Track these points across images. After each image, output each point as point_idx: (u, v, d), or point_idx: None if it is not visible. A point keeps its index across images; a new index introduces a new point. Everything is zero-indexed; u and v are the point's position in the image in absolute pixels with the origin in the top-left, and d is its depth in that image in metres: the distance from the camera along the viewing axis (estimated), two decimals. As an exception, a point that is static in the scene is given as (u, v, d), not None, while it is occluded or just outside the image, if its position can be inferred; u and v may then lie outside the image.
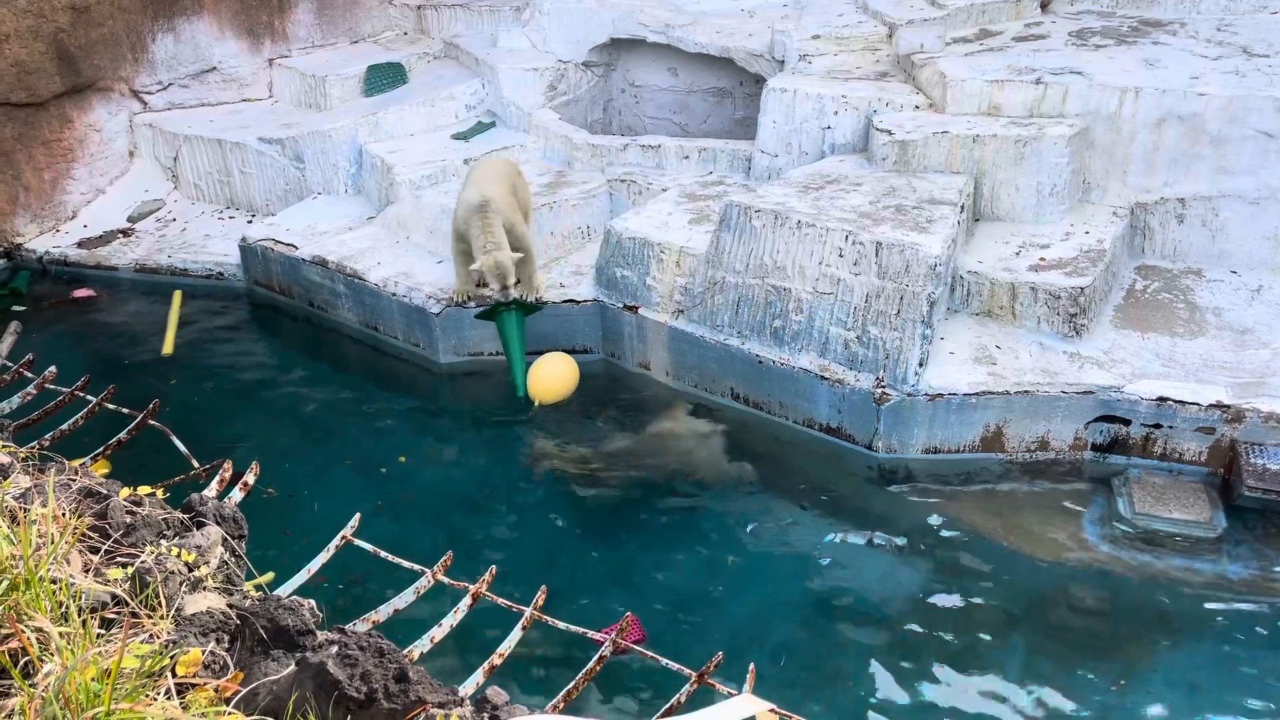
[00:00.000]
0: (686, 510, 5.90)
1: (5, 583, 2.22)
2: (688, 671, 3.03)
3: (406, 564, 3.40)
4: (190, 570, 2.52)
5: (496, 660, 3.11)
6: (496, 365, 7.15)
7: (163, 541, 2.63)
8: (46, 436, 4.08)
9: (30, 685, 1.99)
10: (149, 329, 7.95)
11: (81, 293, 8.47)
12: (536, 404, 6.59)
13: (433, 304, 7.19)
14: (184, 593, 2.42)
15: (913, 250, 5.96)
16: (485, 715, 2.26)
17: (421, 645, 3.08)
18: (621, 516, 5.87)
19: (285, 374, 7.46)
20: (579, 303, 7.13)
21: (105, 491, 2.84)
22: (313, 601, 2.57)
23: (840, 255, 6.16)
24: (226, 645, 2.30)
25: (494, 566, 3.42)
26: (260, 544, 3.30)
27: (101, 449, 4.07)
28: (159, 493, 3.12)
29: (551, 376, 6.66)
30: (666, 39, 9.12)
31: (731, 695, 2.47)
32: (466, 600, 3.26)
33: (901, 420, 6.00)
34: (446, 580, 3.34)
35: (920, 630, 4.99)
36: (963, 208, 6.53)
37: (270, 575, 3.04)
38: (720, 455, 6.36)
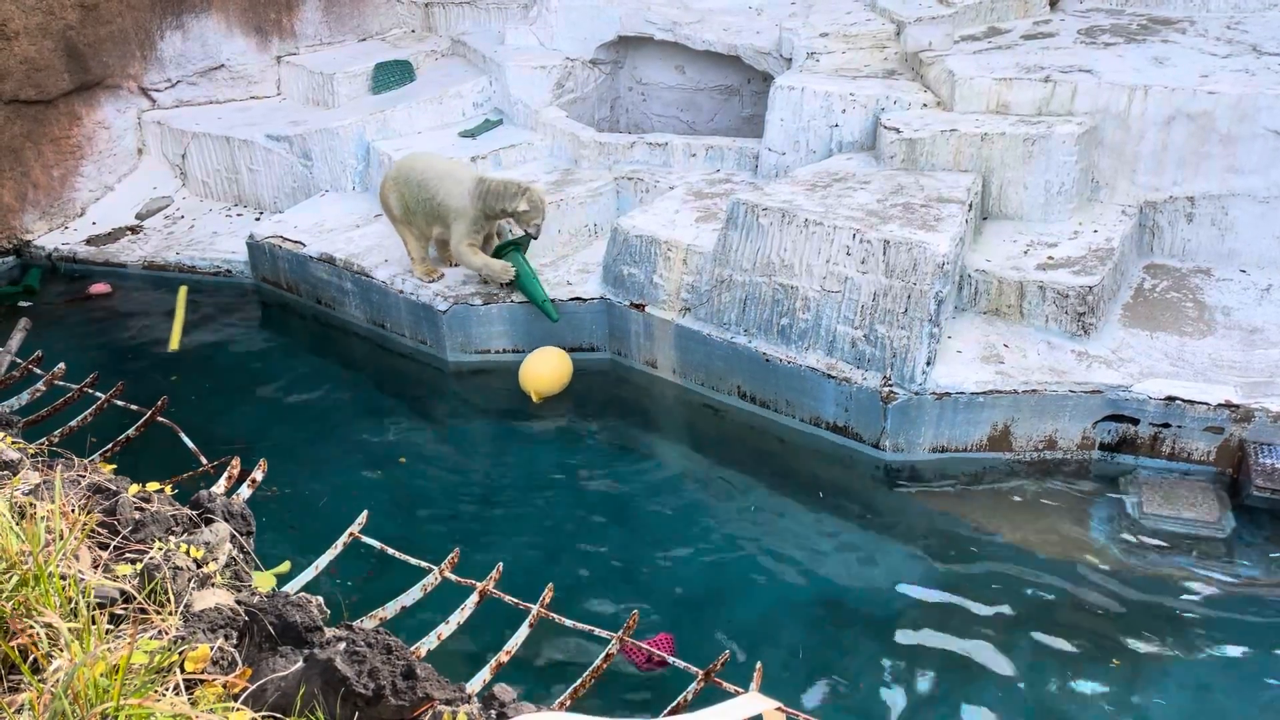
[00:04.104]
0: (693, 508, 5.90)
1: (14, 578, 2.23)
2: (694, 669, 3.03)
3: (414, 561, 3.40)
4: (198, 566, 2.53)
5: (503, 657, 3.12)
6: (504, 363, 7.15)
7: (171, 538, 2.64)
8: (55, 433, 4.10)
9: (39, 680, 2.00)
10: (157, 326, 7.97)
11: (98, 288, 8.49)
12: (536, 398, 6.75)
13: (440, 301, 7.19)
14: (192, 589, 2.42)
15: (920, 249, 5.95)
16: (492, 712, 2.26)
17: (429, 642, 3.09)
18: (628, 515, 5.87)
19: (293, 371, 7.48)
20: (585, 300, 7.13)
21: (114, 488, 2.85)
22: (320, 598, 2.58)
23: (847, 253, 6.15)
24: (234, 641, 2.31)
25: (501, 564, 3.42)
26: (268, 541, 3.31)
27: (110, 445, 4.09)
28: (167, 489, 3.13)
29: (546, 369, 6.83)
30: (674, 37, 9.12)
31: (738, 693, 2.47)
32: (473, 598, 3.27)
33: (908, 419, 5.99)
34: (453, 577, 3.35)
35: (927, 629, 4.98)
36: (971, 206, 6.52)
37: (287, 565, 3.05)
38: (726, 453, 6.36)
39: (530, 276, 7.05)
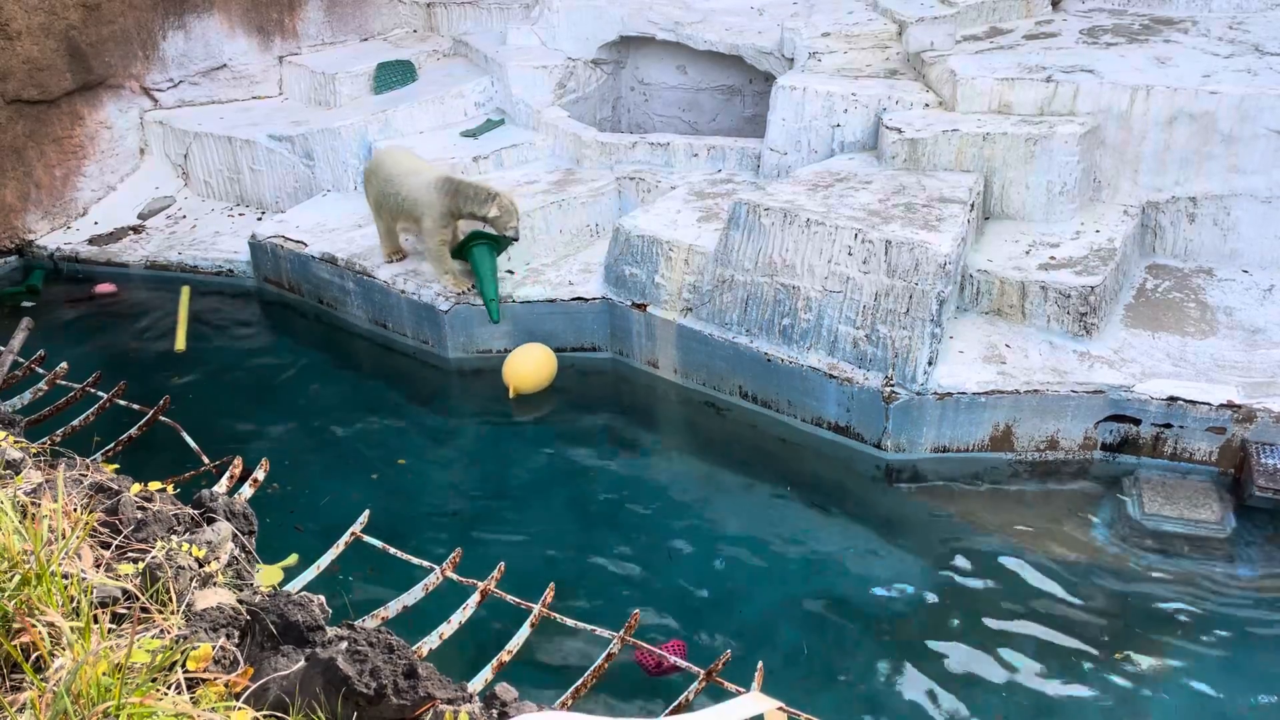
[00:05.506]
0: (694, 508, 5.90)
1: (17, 577, 2.23)
2: (696, 669, 3.03)
3: (415, 561, 3.41)
4: (200, 566, 2.53)
5: (505, 657, 3.12)
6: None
7: (173, 537, 2.64)
8: (58, 432, 4.11)
9: (41, 679, 2.00)
10: (160, 325, 7.98)
11: (103, 288, 8.49)
12: (513, 393, 6.76)
13: (441, 301, 7.20)
14: (194, 588, 2.43)
15: (922, 249, 5.95)
16: (494, 712, 2.26)
17: (430, 642, 3.09)
18: (630, 514, 5.87)
19: (294, 371, 7.48)
20: (587, 300, 7.13)
21: (116, 487, 2.85)
22: (322, 597, 2.58)
23: (849, 253, 6.15)
24: (236, 640, 2.31)
25: (502, 564, 3.43)
26: (270, 540, 3.31)
27: (112, 445, 4.09)
28: (169, 488, 3.14)
29: (528, 365, 6.83)
30: (676, 37, 9.12)
31: (740, 693, 2.48)
32: (475, 597, 3.27)
33: (910, 419, 5.99)
34: (455, 577, 3.35)
35: (928, 629, 4.98)
36: (972, 206, 6.52)
37: (295, 558, 3.05)
38: (728, 454, 6.36)
39: (488, 274, 7.06)
